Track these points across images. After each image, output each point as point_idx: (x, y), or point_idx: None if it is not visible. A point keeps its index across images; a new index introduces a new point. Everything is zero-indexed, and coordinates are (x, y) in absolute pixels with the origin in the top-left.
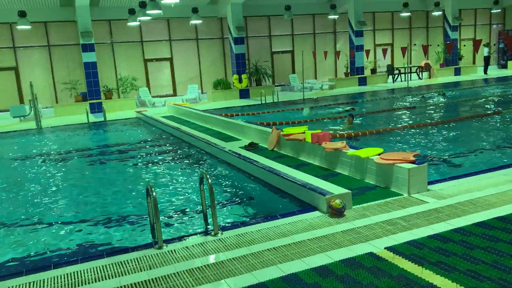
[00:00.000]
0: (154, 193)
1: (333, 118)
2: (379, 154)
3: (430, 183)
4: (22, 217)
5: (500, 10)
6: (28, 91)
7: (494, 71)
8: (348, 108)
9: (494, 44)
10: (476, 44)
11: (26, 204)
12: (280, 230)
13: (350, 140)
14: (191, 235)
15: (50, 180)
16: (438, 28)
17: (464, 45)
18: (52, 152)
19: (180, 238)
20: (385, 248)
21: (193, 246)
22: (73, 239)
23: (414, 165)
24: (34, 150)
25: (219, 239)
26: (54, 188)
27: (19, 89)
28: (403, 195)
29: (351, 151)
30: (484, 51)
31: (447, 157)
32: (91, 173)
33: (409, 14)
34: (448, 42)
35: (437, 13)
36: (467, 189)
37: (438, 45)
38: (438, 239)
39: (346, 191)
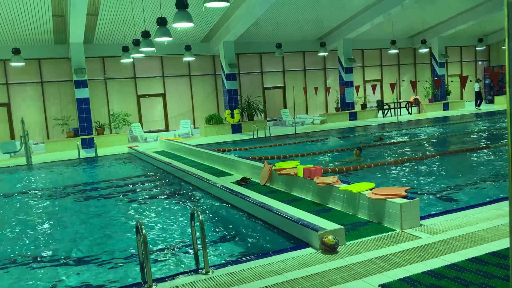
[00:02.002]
0: (143, 231)
1: (340, 150)
2: (371, 189)
3: (422, 218)
4: (7, 255)
5: (484, 48)
6: (19, 127)
7: (481, 107)
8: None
9: (481, 80)
10: (463, 80)
11: (12, 242)
12: (272, 267)
13: (341, 174)
14: (182, 273)
15: (37, 218)
16: (426, 64)
17: (452, 81)
18: (40, 189)
19: (170, 277)
20: (379, 285)
21: (183, 285)
22: (59, 278)
23: (406, 200)
24: (22, 186)
25: (210, 277)
26: (40, 226)
27: (10, 125)
28: (396, 230)
29: (343, 186)
30: (475, 86)
31: (438, 191)
32: (79, 210)
33: (397, 51)
34: (436, 78)
35: (424, 50)
36: (460, 224)
37: (426, 81)
38: (432, 276)
39: (339, 227)
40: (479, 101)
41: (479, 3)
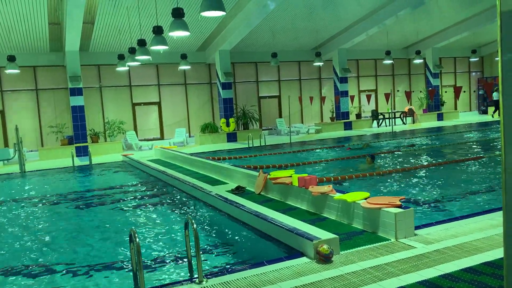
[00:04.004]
0: (137, 239)
1: (351, 158)
2: (365, 198)
3: (417, 227)
4: None
5: (478, 59)
6: (13, 135)
7: (475, 117)
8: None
9: (474, 91)
10: (457, 90)
11: (2, 250)
12: (266, 277)
13: (336, 183)
14: (175, 283)
15: (29, 225)
16: (420, 75)
17: (446, 92)
18: (33, 196)
19: (164, 286)
20: None
21: None
22: (50, 287)
23: (400, 210)
24: (14, 194)
25: (204, 287)
26: (32, 234)
27: (4, 133)
28: (390, 240)
29: (338, 195)
30: (494, 95)
31: (432, 201)
32: (72, 218)
33: (391, 61)
34: (430, 88)
35: (418, 61)
36: (454, 233)
37: (421, 91)
38: (426, 285)
39: (334, 236)
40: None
41: (473, 14)
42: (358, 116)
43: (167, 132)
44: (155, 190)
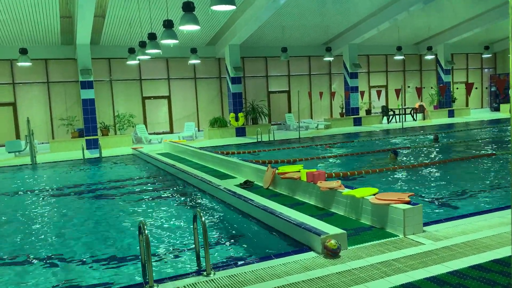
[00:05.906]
0: (146, 231)
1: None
2: (374, 194)
3: (425, 224)
4: (6, 254)
5: (491, 55)
6: (25, 127)
7: (486, 114)
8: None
9: (486, 88)
10: (469, 87)
11: (13, 241)
12: (274, 271)
13: (345, 179)
14: (183, 275)
15: (39, 217)
16: (431, 71)
17: (457, 88)
18: (43, 188)
19: (172, 278)
20: None
21: (184, 286)
22: (60, 278)
23: (409, 206)
24: (26, 185)
25: (212, 279)
26: (42, 225)
27: (16, 125)
28: (398, 236)
29: (346, 191)
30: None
31: (442, 198)
32: (82, 210)
33: (402, 57)
34: (441, 85)
35: (429, 57)
36: (463, 230)
37: (432, 88)
38: (434, 282)
39: (342, 231)
40: None
41: (485, 10)
42: (368, 112)
43: (176, 126)
44: (164, 183)
